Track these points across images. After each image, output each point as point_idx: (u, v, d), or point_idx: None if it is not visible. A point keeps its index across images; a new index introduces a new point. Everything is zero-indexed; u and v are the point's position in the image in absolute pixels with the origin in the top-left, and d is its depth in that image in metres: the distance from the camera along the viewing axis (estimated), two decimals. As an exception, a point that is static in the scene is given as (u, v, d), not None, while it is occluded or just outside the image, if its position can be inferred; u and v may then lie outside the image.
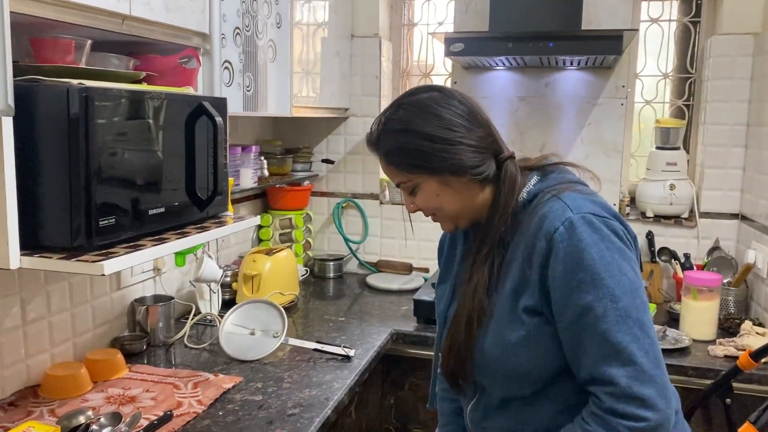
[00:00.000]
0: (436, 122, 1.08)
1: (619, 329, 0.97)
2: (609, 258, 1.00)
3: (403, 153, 1.11)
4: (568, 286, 1.01)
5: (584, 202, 1.06)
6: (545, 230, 1.04)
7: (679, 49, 2.64)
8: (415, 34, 2.94)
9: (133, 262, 1.19)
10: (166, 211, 1.37)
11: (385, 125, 1.13)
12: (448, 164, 1.08)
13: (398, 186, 1.17)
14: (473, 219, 1.18)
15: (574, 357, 1.04)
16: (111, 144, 1.19)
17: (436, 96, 1.11)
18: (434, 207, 1.15)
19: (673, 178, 2.49)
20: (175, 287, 2.18)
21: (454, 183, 1.11)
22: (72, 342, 1.73)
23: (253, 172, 2.21)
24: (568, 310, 1.02)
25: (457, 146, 1.08)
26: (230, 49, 1.78)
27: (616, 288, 0.99)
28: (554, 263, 1.02)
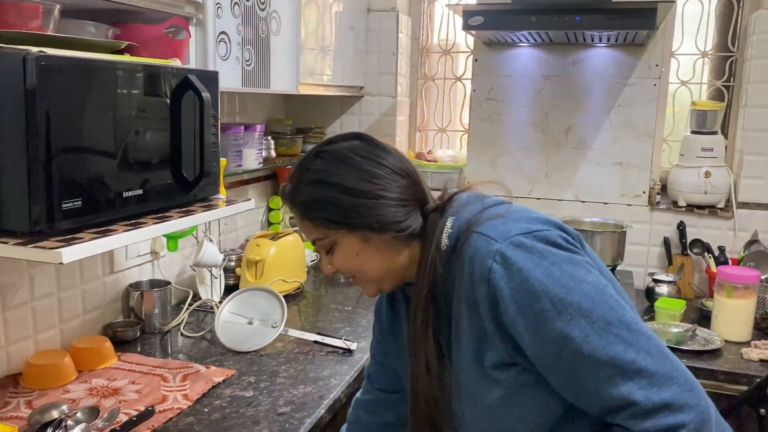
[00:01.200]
0: (356, 173, 0.98)
1: (607, 342, 0.83)
2: (558, 273, 0.87)
3: (319, 207, 1.00)
4: (531, 323, 0.87)
5: (505, 225, 0.93)
6: (478, 274, 0.91)
7: (719, 26, 2.44)
8: (436, 8, 2.79)
9: (98, 249, 1.09)
10: (145, 194, 1.26)
11: (301, 176, 1.02)
12: (368, 220, 0.97)
13: (314, 243, 1.05)
14: (399, 281, 1.06)
15: (576, 395, 0.88)
16: (76, 120, 1.09)
17: (357, 145, 1.01)
18: (354, 268, 1.03)
19: (709, 165, 2.31)
20: (175, 271, 2.09)
21: (375, 240, 1.00)
22: (58, 329, 1.65)
23: (258, 153, 2.10)
24: (544, 349, 0.87)
25: (378, 200, 0.97)
26: (227, 19, 1.66)
27: (581, 301, 0.85)
28: (504, 306, 0.89)
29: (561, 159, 2.49)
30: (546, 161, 2.51)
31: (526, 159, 2.52)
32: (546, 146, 2.50)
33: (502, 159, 2.54)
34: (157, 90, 1.29)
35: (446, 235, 0.98)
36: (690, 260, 2.34)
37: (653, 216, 2.41)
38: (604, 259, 2.19)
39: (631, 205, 2.43)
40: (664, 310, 2.04)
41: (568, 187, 2.49)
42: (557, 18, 1.98)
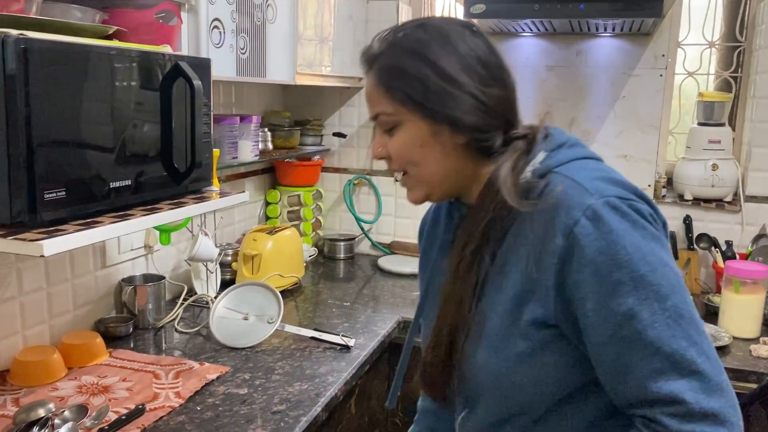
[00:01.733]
0: (457, 60, 0.88)
1: (673, 334, 0.77)
2: (646, 248, 0.80)
3: (403, 78, 0.89)
4: (601, 291, 0.80)
5: (604, 182, 0.84)
6: (561, 223, 0.82)
7: (727, 15, 2.39)
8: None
9: (82, 241, 1.04)
10: (134, 185, 1.22)
11: (395, 40, 0.91)
12: (450, 113, 0.88)
13: (375, 119, 0.94)
14: (451, 194, 0.98)
15: (616, 377, 0.82)
16: (60, 106, 1.04)
17: (466, 33, 0.91)
18: (411, 160, 0.93)
19: (716, 158, 2.26)
20: (170, 266, 2.05)
21: (445, 139, 0.90)
22: (48, 324, 1.61)
23: (254, 145, 2.05)
24: (605, 321, 0.80)
25: (469, 96, 0.87)
26: (221, 6, 1.61)
27: (662, 284, 0.79)
28: (579, 265, 0.80)
29: (564, 151, 2.43)
30: (549, 154, 2.45)
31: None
32: (549, 138, 2.44)
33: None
34: (147, 77, 1.24)
35: (531, 168, 0.88)
36: (696, 255, 2.28)
37: (659, 210, 2.36)
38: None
39: (636, 199, 2.37)
40: (670, 305, 1.99)
41: (571, 181, 2.44)
42: (561, 6, 1.92)
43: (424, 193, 0.96)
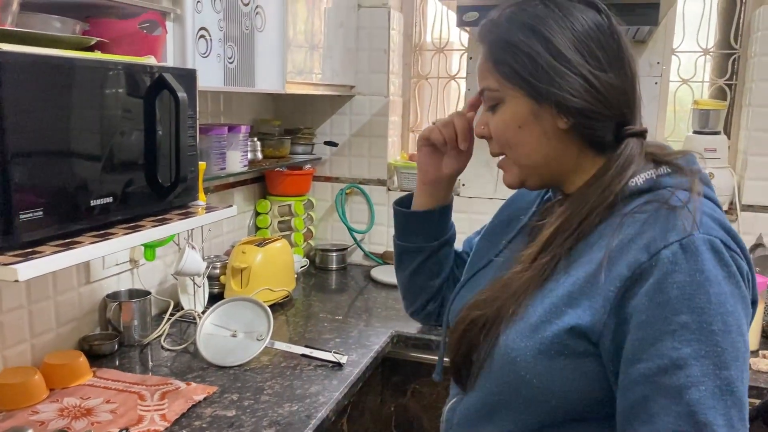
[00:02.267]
0: (572, 37, 0.83)
1: (713, 405, 0.70)
2: (731, 307, 0.73)
3: (512, 51, 0.85)
4: (662, 327, 0.73)
5: (715, 223, 0.78)
6: (651, 239, 0.76)
7: (721, 22, 2.36)
8: (429, 4, 2.70)
9: (60, 263, 0.99)
10: (116, 202, 1.17)
11: (512, 12, 0.88)
12: (556, 93, 0.82)
13: (482, 94, 0.91)
14: (548, 183, 0.93)
15: (633, 420, 0.75)
16: (37, 122, 0.99)
17: (590, 12, 0.85)
18: (510, 140, 0.88)
19: (712, 167, 2.22)
20: (156, 280, 1.99)
21: (548, 122, 0.85)
22: (29, 343, 1.55)
23: (242, 155, 2.00)
24: (650, 359, 0.73)
25: (576, 76, 0.82)
26: (207, 15, 1.56)
27: (728, 350, 0.72)
28: (651, 289, 0.74)
29: (559, 160, 2.40)
30: (543, 163, 2.42)
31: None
32: (543, 147, 2.41)
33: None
34: (130, 90, 1.20)
35: (643, 176, 0.83)
36: (693, 265, 2.25)
37: (654, 219, 2.33)
38: (605, 264, 2.11)
39: (632, 208, 2.34)
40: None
41: (566, 190, 2.41)
42: (556, 13, 1.88)
43: (519, 178, 0.92)
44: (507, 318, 0.84)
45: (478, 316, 0.87)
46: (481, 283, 0.95)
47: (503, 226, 1.05)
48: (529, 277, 0.85)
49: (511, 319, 0.84)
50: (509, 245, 0.99)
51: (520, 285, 0.85)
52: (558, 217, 0.87)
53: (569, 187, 0.91)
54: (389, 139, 2.59)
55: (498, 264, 0.98)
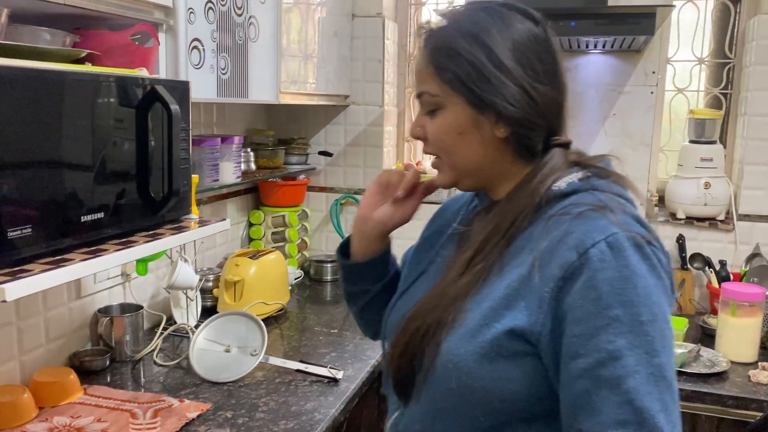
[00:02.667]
0: (512, 47, 0.85)
1: (649, 391, 0.74)
2: (656, 297, 0.77)
3: (454, 58, 0.86)
4: (596, 321, 0.76)
5: (633, 219, 0.82)
6: (578, 240, 0.79)
7: (716, 31, 2.36)
8: (423, 13, 2.69)
9: (49, 282, 0.97)
10: (106, 217, 1.14)
11: (453, 19, 0.89)
12: (498, 102, 0.85)
13: (419, 97, 0.92)
14: (480, 186, 0.95)
15: (578, 414, 0.77)
16: (26, 137, 0.97)
17: (529, 23, 0.88)
18: (446, 144, 0.90)
19: (708, 176, 2.22)
20: (148, 294, 1.96)
21: (486, 130, 0.87)
22: (18, 360, 1.52)
23: (236, 166, 1.98)
24: (589, 353, 0.76)
25: (517, 87, 0.84)
26: (200, 25, 1.54)
27: (656, 338, 0.75)
28: (583, 287, 0.77)
29: (555, 170, 2.39)
30: (539, 172, 2.41)
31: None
32: (539, 157, 2.40)
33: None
34: (121, 103, 1.17)
35: (567, 180, 0.87)
36: (690, 275, 2.24)
37: (651, 229, 2.32)
38: (602, 275, 2.09)
39: (628, 218, 2.33)
40: (665, 329, 1.94)
41: (562, 200, 2.39)
42: (551, 23, 1.86)
43: (453, 179, 0.94)
44: (447, 325, 0.85)
45: (418, 326, 0.88)
46: (416, 295, 0.96)
47: (434, 237, 1.06)
48: (465, 282, 0.87)
49: (451, 326, 0.85)
50: (440, 254, 1.00)
51: (457, 291, 0.87)
52: (488, 222, 0.90)
53: (497, 193, 0.94)
54: (384, 149, 2.58)
55: (432, 273, 0.98)
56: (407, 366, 0.89)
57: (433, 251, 1.02)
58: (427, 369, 0.86)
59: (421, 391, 0.88)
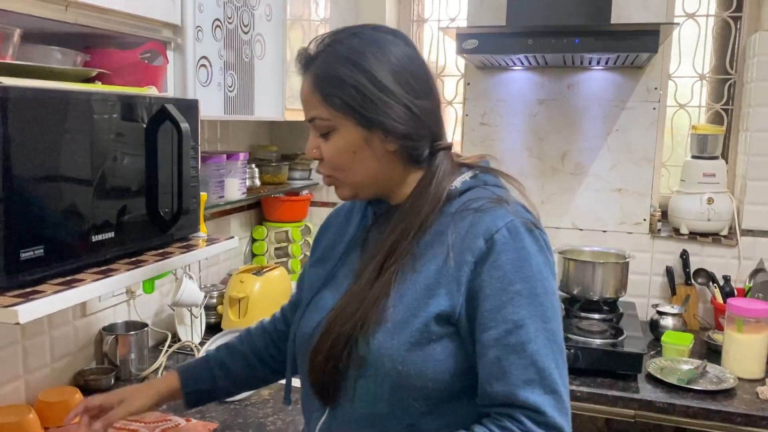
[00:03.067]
0: (390, 69, 0.94)
1: (546, 353, 0.88)
2: (546, 273, 0.91)
3: (338, 84, 0.93)
4: (502, 296, 0.89)
5: (521, 208, 0.96)
6: (484, 228, 0.91)
7: (717, 47, 2.38)
8: (425, 30, 2.70)
9: (62, 304, 0.96)
10: (117, 236, 1.14)
11: (330, 47, 0.96)
12: (385, 120, 0.93)
13: (311, 122, 0.98)
14: (377, 194, 1.02)
15: (492, 378, 0.89)
16: (39, 157, 0.96)
17: (400, 44, 0.97)
18: (342, 163, 0.97)
19: (711, 191, 2.23)
20: (152, 311, 1.95)
21: (377, 145, 0.96)
22: (23, 380, 1.51)
23: (241, 182, 1.98)
24: (496, 324, 0.89)
25: (400, 105, 0.93)
26: (208, 43, 1.55)
27: (548, 308, 0.90)
28: (491, 267, 0.90)
29: (557, 185, 2.40)
30: (542, 187, 2.41)
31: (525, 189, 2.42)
32: (542, 172, 2.41)
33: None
34: (131, 122, 1.17)
35: (461, 180, 0.98)
36: (694, 290, 2.24)
37: (654, 244, 2.32)
38: (606, 291, 2.10)
39: (632, 233, 2.34)
40: (671, 345, 1.94)
41: (565, 215, 2.40)
42: (555, 41, 1.89)
43: (352, 192, 1.01)
44: (373, 324, 0.92)
45: (341, 330, 0.93)
46: (326, 304, 1.01)
47: (330, 249, 1.10)
48: (383, 283, 0.94)
49: (377, 324, 0.92)
50: (344, 262, 1.05)
51: (377, 292, 0.93)
52: (395, 225, 0.97)
53: (395, 199, 1.02)
54: (387, 165, 2.57)
55: (339, 281, 1.03)
56: (332, 370, 0.94)
57: (333, 262, 1.07)
58: (357, 368, 0.93)
59: (353, 390, 0.94)
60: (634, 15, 2.22)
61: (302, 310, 1.06)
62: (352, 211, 1.12)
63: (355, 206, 1.12)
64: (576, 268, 2.12)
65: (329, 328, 0.95)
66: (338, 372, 0.94)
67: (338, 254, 1.07)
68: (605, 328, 1.96)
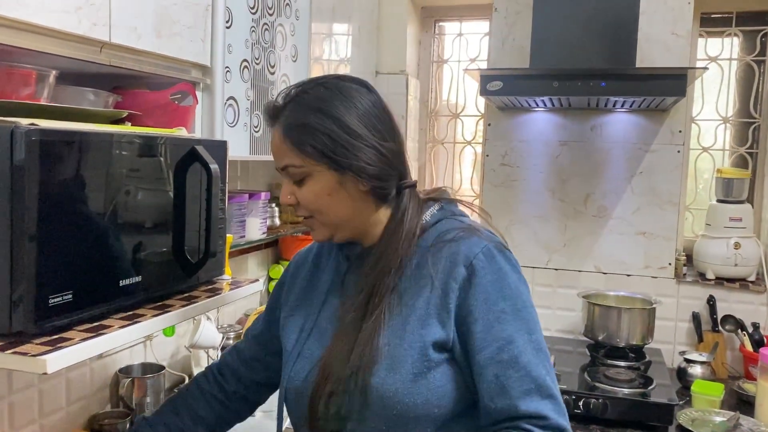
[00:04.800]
0: (356, 114, 0.98)
1: (537, 363, 0.94)
2: (522, 289, 0.98)
3: (309, 132, 0.97)
4: (489, 317, 0.95)
5: (489, 233, 1.02)
6: (463, 256, 0.97)
7: (740, 91, 2.37)
8: (444, 71, 2.71)
9: (89, 352, 0.93)
10: (143, 280, 1.11)
11: (298, 97, 1.00)
12: (356, 164, 0.97)
13: (283, 170, 1.01)
14: (353, 235, 1.05)
15: (494, 396, 0.93)
16: (69, 201, 0.94)
17: (363, 91, 1.02)
18: (319, 207, 1.01)
19: (738, 236, 2.19)
20: (168, 352, 1.91)
21: (351, 187, 0.99)
22: (38, 424, 1.46)
23: (262, 222, 1.95)
24: (489, 344, 0.94)
25: (369, 148, 0.98)
26: (236, 84, 1.54)
27: (530, 320, 0.96)
28: (474, 291, 0.95)
29: (580, 228, 2.37)
30: (564, 229, 2.38)
31: (543, 227, 2.39)
32: (564, 214, 2.38)
33: (518, 227, 2.42)
34: (161, 164, 1.15)
35: (430, 214, 1.04)
36: (722, 338, 2.19)
37: (680, 289, 2.27)
38: (633, 337, 2.05)
39: (656, 278, 2.29)
40: (701, 395, 1.88)
41: (588, 258, 2.36)
42: (581, 84, 1.88)
43: (329, 235, 1.04)
44: (370, 364, 0.94)
45: (339, 375, 0.95)
46: (312, 353, 1.03)
47: (307, 292, 1.13)
48: (372, 322, 0.96)
49: (373, 363, 0.94)
50: (324, 308, 1.08)
51: (367, 332, 0.96)
52: (374, 265, 1.00)
53: (368, 239, 1.05)
54: (406, 205, 2.55)
55: (323, 328, 1.05)
56: (336, 415, 0.95)
57: (315, 309, 1.09)
58: (361, 410, 0.94)
59: (356, 429, 0.96)
60: (657, 58, 2.21)
61: (291, 363, 1.07)
62: (320, 257, 1.16)
63: (323, 252, 1.16)
64: (601, 313, 2.07)
65: (324, 374, 0.97)
66: (341, 416, 0.95)
67: (318, 302, 1.09)
68: (633, 376, 1.91)
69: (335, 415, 0.95)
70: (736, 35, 2.34)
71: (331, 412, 0.95)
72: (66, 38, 1.04)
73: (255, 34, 1.61)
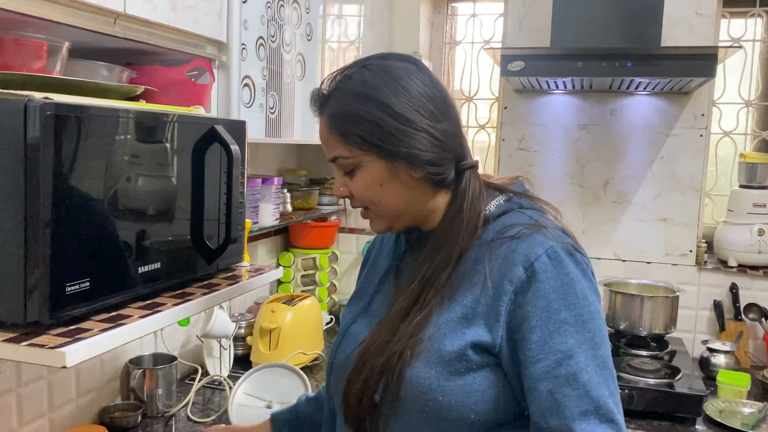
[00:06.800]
0: (406, 98, 0.90)
1: (599, 381, 0.84)
2: (591, 298, 0.88)
3: (356, 122, 0.91)
4: (548, 326, 0.85)
5: (560, 232, 0.92)
6: (523, 255, 0.87)
7: (764, 73, 2.30)
8: (457, 52, 2.64)
9: (110, 344, 0.86)
10: (163, 267, 1.05)
11: (342, 83, 0.94)
12: (406, 150, 0.90)
13: (333, 161, 0.96)
14: (412, 223, 0.99)
15: (546, 413, 0.84)
16: (86, 181, 0.88)
17: (412, 69, 0.93)
18: (372, 198, 0.95)
19: (762, 222, 2.13)
20: (179, 342, 1.85)
21: (404, 175, 0.93)
22: (47, 417, 1.40)
23: (275, 208, 1.89)
24: (545, 356, 0.84)
25: (420, 133, 0.90)
26: (252, 62, 1.47)
27: (596, 333, 0.86)
28: (533, 297, 0.86)
29: (599, 214, 2.30)
30: (583, 216, 2.32)
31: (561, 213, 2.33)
32: (583, 200, 2.32)
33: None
34: (179, 144, 1.08)
35: (495, 203, 0.96)
36: (745, 326, 2.13)
37: (701, 277, 2.22)
38: (656, 326, 1.99)
39: (677, 265, 2.24)
40: (728, 385, 1.83)
41: (607, 245, 2.30)
42: (606, 64, 1.81)
43: (387, 226, 0.99)
44: (410, 355, 0.89)
45: (375, 363, 0.90)
46: (360, 333, 0.98)
47: (370, 275, 1.10)
48: (422, 314, 0.90)
49: (414, 356, 0.89)
50: (379, 290, 1.04)
51: (414, 324, 0.90)
52: (432, 255, 0.93)
53: (427, 225, 0.99)
54: (418, 190, 2.49)
55: (374, 310, 1.01)
56: (368, 402, 0.90)
57: (371, 288, 1.05)
58: (393, 400, 0.89)
59: (389, 421, 0.90)
60: (680, 39, 2.14)
61: (339, 339, 1.05)
62: (383, 241, 1.12)
63: (386, 234, 1.10)
64: (623, 301, 2.02)
65: (362, 359, 0.92)
66: (374, 405, 0.90)
67: (375, 283, 1.05)
68: (659, 366, 1.85)
69: (368, 402, 0.91)
70: (760, 15, 2.28)
71: (364, 399, 0.91)
72: (79, 7, 0.98)
73: (270, 9, 1.54)
